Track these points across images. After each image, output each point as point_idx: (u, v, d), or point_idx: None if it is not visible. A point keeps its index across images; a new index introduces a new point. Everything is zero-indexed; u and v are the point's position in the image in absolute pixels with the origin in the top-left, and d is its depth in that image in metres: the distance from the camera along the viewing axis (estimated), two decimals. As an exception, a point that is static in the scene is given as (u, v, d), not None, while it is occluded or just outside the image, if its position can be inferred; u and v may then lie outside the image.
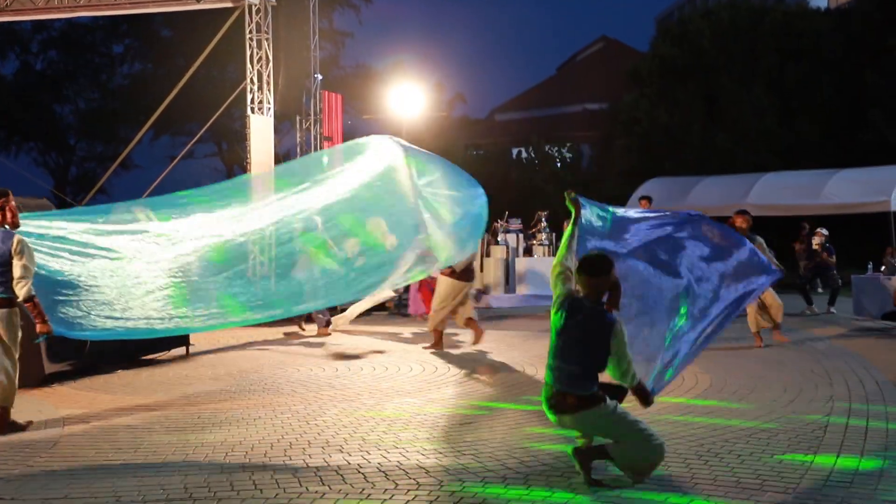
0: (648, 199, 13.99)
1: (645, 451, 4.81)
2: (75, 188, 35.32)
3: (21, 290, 6.12)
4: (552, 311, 5.07)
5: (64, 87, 35.96)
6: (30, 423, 6.42)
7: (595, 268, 4.99)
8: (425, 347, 10.36)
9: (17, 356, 6.37)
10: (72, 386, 8.15)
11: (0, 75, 36.09)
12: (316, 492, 4.77)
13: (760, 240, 9.60)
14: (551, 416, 5.01)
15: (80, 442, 6.01)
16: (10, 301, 6.23)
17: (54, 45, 35.49)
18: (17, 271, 6.12)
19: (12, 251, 6.14)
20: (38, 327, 6.22)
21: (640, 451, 4.81)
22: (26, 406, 7.23)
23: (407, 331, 12.30)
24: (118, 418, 6.76)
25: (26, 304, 6.18)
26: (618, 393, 4.95)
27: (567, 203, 5.64)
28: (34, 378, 8.00)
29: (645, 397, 4.97)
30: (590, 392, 4.83)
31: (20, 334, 6.39)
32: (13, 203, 6.34)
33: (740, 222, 10.30)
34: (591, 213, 5.89)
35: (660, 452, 4.84)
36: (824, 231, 15.30)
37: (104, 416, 6.82)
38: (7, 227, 6.28)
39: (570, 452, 4.92)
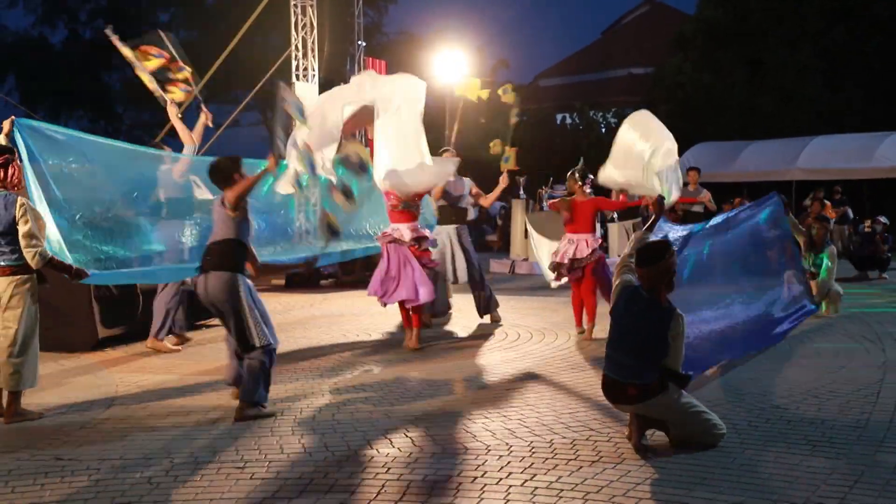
0: (697, 170, 13.46)
1: (704, 438, 4.79)
2: (124, 156, 35.71)
3: (32, 258, 5.60)
4: (611, 301, 5.08)
5: (111, 55, 36.28)
6: (41, 415, 5.83)
7: (648, 256, 4.92)
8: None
9: (24, 330, 5.70)
10: (124, 350, 8.31)
11: (50, 44, 36.56)
12: (364, 454, 4.83)
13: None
14: (610, 401, 5.01)
15: (133, 404, 6.13)
16: (24, 268, 5.69)
17: (102, 13, 35.80)
18: (22, 240, 5.59)
19: (16, 216, 5.62)
20: (71, 277, 5.95)
21: (700, 437, 4.80)
22: (81, 370, 7.41)
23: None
24: (169, 381, 6.88)
25: (45, 268, 5.74)
26: (681, 380, 4.86)
27: (649, 207, 5.69)
28: (88, 343, 8.18)
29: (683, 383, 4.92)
30: (650, 381, 4.78)
31: (35, 307, 5.81)
32: (18, 162, 5.93)
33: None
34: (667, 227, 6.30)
35: (718, 441, 4.81)
36: (883, 219, 14.94)
37: (155, 380, 6.95)
38: (7, 189, 5.72)
39: (629, 413, 4.90)
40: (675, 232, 6.74)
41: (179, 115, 9.20)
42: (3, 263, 5.65)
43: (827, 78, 25.55)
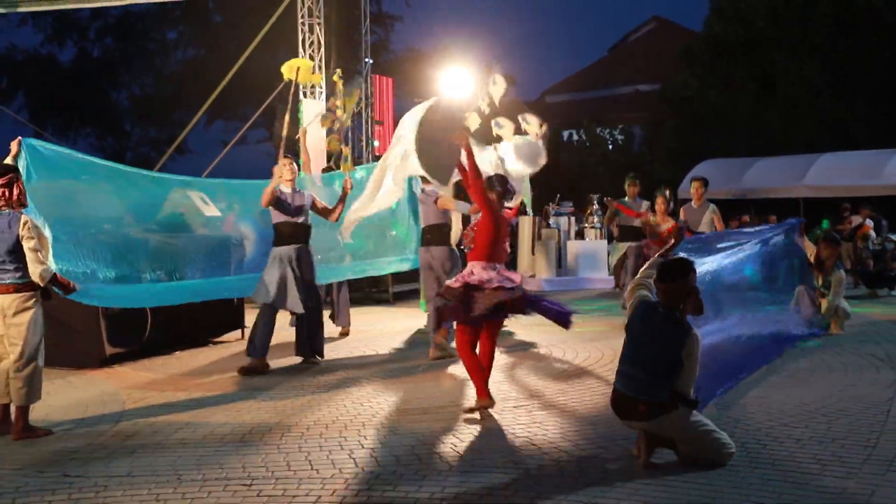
0: (701, 181, 11.34)
1: (713, 457, 4.77)
2: (131, 173, 35.89)
3: (37, 275, 5.64)
4: (627, 316, 5.06)
5: (119, 73, 36.54)
6: (49, 432, 5.83)
7: (669, 272, 4.92)
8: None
9: (29, 347, 5.72)
10: (132, 367, 8.31)
11: (58, 62, 36.81)
12: (371, 472, 4.82)
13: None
14: (619, 417, 4.99)
15: (140, 421, 6.13)
16: (30, 285, 5.71)
17: (110, 32, 36.05)
18: (28, 255, 5.64)
19: (20, 234, 5.65)
20: (67, 291, 5.98)
21: (709, 456, 4.77)
22: (88, 386, 7.42)
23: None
24: (176, 399, 6.88)
25: (49, 284, 5.76)
26: (689, 405, 4.82)
27: (672, 234, 5.71)
28: (95, 359, 8.19)
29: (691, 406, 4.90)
30: (661, 399, 4.76)
31: (40, 322, 5.81)
32: (22, 181, 5.92)
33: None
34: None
35: (728, 460, 4.78)
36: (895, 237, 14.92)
37: (163, 397, 6.95)
38: (12, 208, 5.75)
39: (638, 431, 4.88)
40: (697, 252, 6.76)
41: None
42: (8, 281, 5.69)
43: (835, 91, 25.55)
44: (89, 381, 7.62)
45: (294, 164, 8.23)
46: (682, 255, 5.71)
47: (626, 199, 11.30)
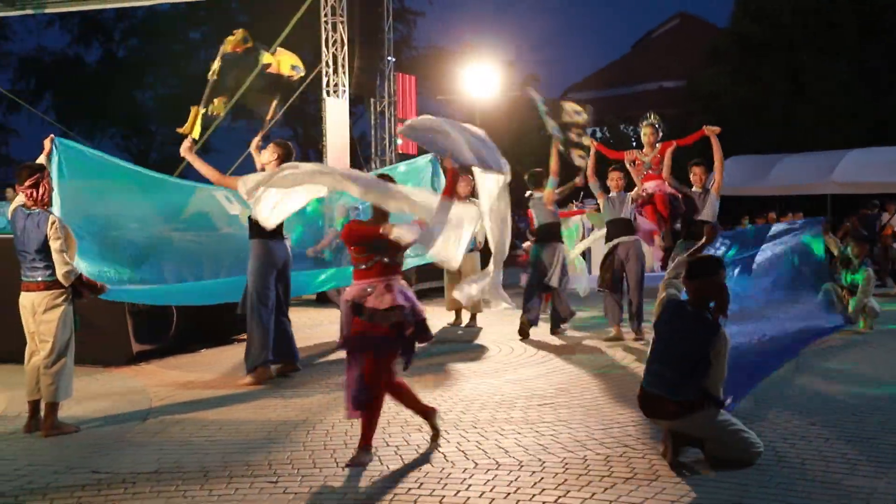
0: (701, 164, 9.24)
1: (741, 456, 4.73)
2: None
3: (62, 275, 5.68)
4: (655, 315, 5.03)
5: (145, 73, 36.80)
6: (78, 429, 5.89)
7: (697, 270, 4.89)
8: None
9: (59, 343, 5.78)
10: (158, 364, 8.37)
11: (85, 63, 37.14)
12: (396, 470, 4.82)
13: None
14: (647, 418, 4.96)
15: (167, 418, 6.17)
16: (59, 283, 5.76)
17: (135, 32, 36.36)
18: (55, 255, 5.68)
19: (48, 234, 5.71)
20: (95, 293, 6.02)
21: (737, 455, 4.73)
22: (115, 383, 7.47)
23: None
24: (203, 396, 6.92)
25: (75, 284, 5.79)
26: (716, 405, 4.79)
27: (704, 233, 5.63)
28: (122, 357, 8.26)
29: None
30: (689, 398, 4.73)
31: (70, 320, 5.88)
32: (48, 180, 5.92)
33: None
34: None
35: (756, 459, 4.74)
36: None
37: (189, 395, 6.99)
38: (37, 208, 5.79)
39: (665, 429, 4.85)
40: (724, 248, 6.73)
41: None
42: (38, 279, 5.76)
43: (866, 88, 25.28)
44: (116, 379, 7.69)
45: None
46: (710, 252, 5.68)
47: (694, 188, 9.10)
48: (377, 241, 4.98)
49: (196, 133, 7.65)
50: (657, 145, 9.60)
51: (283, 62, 8.76)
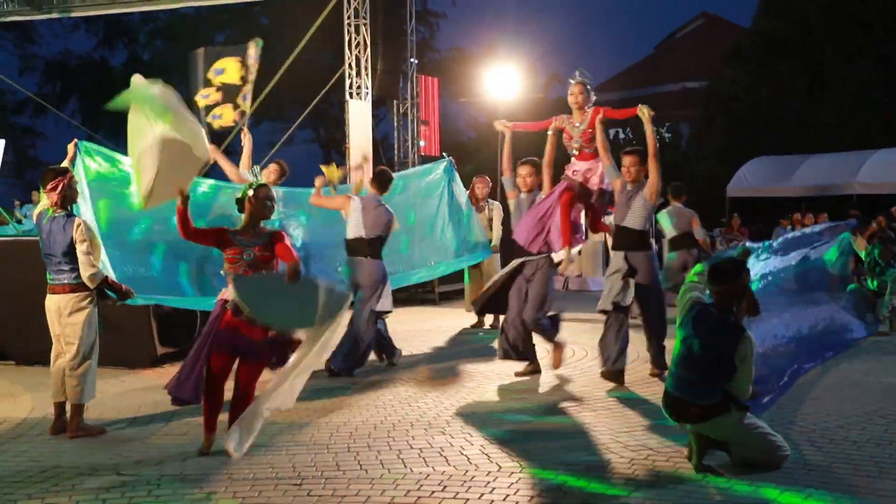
0: (635, 153, 7.81)
1: (767, 459, 4.69)
2: (181, 175, 36.43)
3: (88, 278, 5.71)
4: (677, 318, 4.99)
5: (170, 75, 37.03)
6: (103, 430, 5.94)
7: (721, 274, 4.84)
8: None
9: (84, 345, 5.81)
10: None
11: (110, 66, 37.45)
12: (420, 472, 4.81)
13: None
14: (671, 421, 4.91)
15: (192, 420, 6.18)
16: (85, 285, 5.78)
17: (160, 35, 36.61)
18: (80, 258, 5.71)
19: (73, 237, 5.72)
20: (121, 298, 6.02)
21: (763, 458, 4.69)
22: (140, 385, 7.51)
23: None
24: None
25: (101, 287, 5.83)
26: (742, 406, 4.74)
27: (738, 253, 5.54)
28: (147, 359, 8.29)
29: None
30: (714, 401, 4.68)
31: (95, 322, 5.92)
32: (66, 183, 5.89)
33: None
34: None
35: (782, 463, 4.69)
36: None
37: (213, 396, 7.00)
38: (62, 211, 5.82)
39: (690, 432, 4.80)
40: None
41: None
42: (64, 281, 5.80)
43: (889, 89, 25.00)
44: (141, 381, 7.72)
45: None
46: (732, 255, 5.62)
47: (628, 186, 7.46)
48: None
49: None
50: (588, 110, 7.72)
51: (226, 115, 8.93)
